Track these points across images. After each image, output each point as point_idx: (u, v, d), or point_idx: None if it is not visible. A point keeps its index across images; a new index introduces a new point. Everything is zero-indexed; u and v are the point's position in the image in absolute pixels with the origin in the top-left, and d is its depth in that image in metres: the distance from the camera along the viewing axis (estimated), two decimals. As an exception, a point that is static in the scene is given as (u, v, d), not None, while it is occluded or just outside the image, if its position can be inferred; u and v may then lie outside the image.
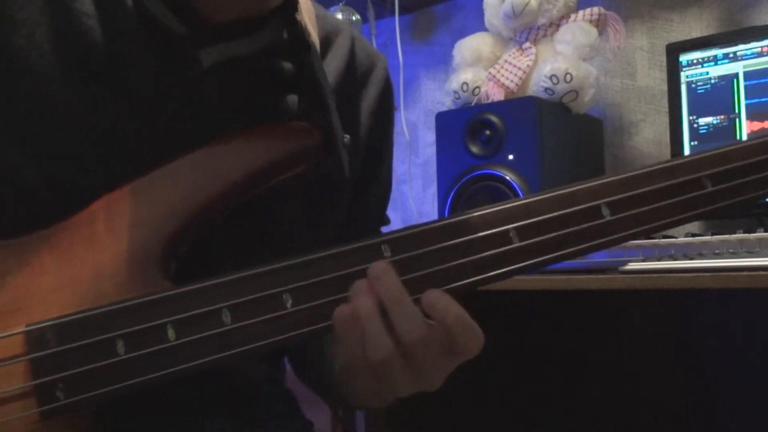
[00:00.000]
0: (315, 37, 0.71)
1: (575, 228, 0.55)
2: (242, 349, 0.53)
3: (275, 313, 0.53)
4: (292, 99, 0.67)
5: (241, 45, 0.64)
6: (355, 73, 0.76)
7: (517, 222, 0.55)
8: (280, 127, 0.63)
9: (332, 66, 0.73)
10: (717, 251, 1.03)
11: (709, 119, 1.34)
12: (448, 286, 0.54)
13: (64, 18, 0.59)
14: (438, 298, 0.52)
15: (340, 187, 0.72)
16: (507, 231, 0.55)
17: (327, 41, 0.74)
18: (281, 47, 0.67)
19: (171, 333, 0.52)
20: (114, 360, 0.52)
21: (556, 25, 1.47)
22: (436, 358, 0.53)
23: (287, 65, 0.67)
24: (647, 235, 0.57)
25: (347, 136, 0.65)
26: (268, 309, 0.53)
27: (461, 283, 0.54)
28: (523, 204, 0.56)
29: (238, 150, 0.60)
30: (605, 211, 0.56)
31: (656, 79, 1.58)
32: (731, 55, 1.32)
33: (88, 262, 0.56)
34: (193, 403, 0.63)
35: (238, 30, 0.64)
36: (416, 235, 0.55)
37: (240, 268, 0.54)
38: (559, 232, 0.55)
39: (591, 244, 0.55)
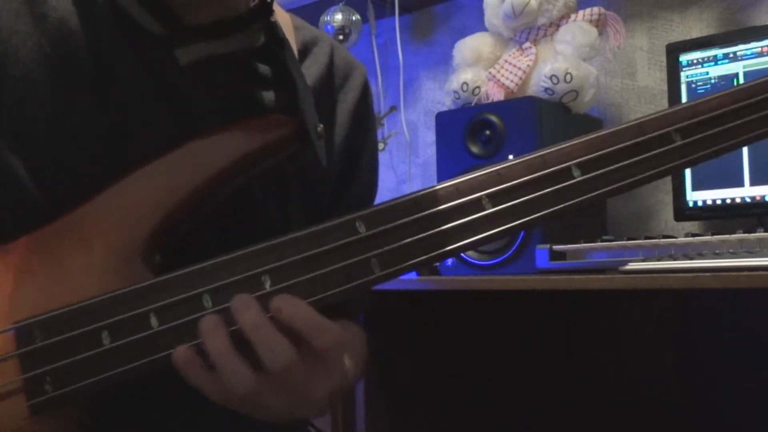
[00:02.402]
0: (293, 44, 0.73)
1: (547, 190, 0.56)
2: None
3: (255, 293, 0.53)
4: (269, 97, 0.69)
5: (218, 45, 0.66)
6: (333, 79, 0.78)
7: (488, 189, 0.56)
8: (256, 119, 0.64)
9: (312, 70, 0.75)
10: (717, 251, 1.03)
11: (709, 119, 1.34)
12: (425, 256, 0.55)
13: (36, 15, 0.61)
14: (282, 302, 0.52)
15: (320, 180, 0.74)
16: (480, 198, 0.56)
17: (305, 50, 0.77)
18: (258, 48, 0.69)
19: (154, 320, 0.53)
20: (100, 350, 0.53)
21: (556, 25, 1.47)
22: (306, 376, 0.53)
23: (263, 65, 0.69)
24: (620, 193, 0.57)
25: (321, 126, 0.67)
26: (247, 290, 0.53)
27: (438, 252, 0.55)
28: (494, 171, 0.57)
29: (216, 144, 0.61)
30: (576, 172, 0.56)
31: (656, 79, 1.58)
32: (731, 55, 1.32)
33: (75, 264, 0.57)
34: (188, 400, 0.62)
35: (216, 31, 0.65)
36: (390, 209, 0.56)
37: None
38: (531, 195, 0.56)
39: (564, 205, 0.56)
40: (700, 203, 1.35)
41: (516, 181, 0.56)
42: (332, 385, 0.57)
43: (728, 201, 1.32)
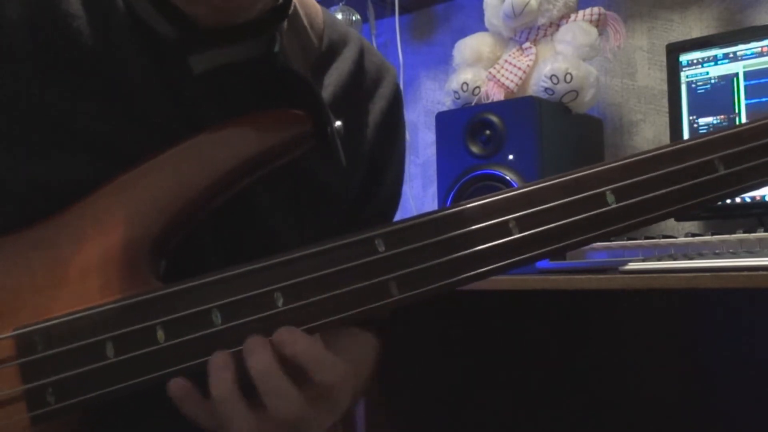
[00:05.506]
0: (318, 42, 0.70)
1: (578, 217, 0.52)
2: (233, 350, 0.51)
3: (266, 312, 0.51)
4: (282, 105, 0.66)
5: (234, 52, 0.63)
6: (361, 86, 0.74)
7: (516, 212, 0.52)
8: (268, 114, 0.61)
9: (334, 77, 0.72)
10: (717, 251, 1.03)
11: (709, 119, 1.34)
12: (446, 281, 0.52)
13: (49, 19, 0.58)
14: (286, 336, 0.50)
15: (335, 188, 0.71)
16: (506, 222, 0.52)
17: (332, 51, 0.73)
18: (274, 54, 0.65)
19: (160, 334, 0.51)
20: (104, 363, 0.51)
21: (556, 25, 1.47)
22: (308, 417, 0.51)
23: (277, 71, 0.66)
24: (655, 222, 0.53)
25: (339, 123, 0.64)
26: (258, 308, 0.51)
27: (461, 277, 0.52)
28: (523, 193, 0.53)
29: (226, 140, 0.58)
30: (610, 198, 0.52)
31: (656, 79, 1.58)
32: (731, 55, 1.32)
33: (75, 261, 0.55)
34: None
35: (232, 36, 0.63)
36: (411, 228, 0.53)
37: (228, 266, 0.53)
38: (560, 222, 0.52)
39: (594, 234, 0.52)
40: (700, 203, 1.34)
41: (545, 205, 0.52)
42: (332, 419, 0.54)
43: (728, 201, 1.32)
